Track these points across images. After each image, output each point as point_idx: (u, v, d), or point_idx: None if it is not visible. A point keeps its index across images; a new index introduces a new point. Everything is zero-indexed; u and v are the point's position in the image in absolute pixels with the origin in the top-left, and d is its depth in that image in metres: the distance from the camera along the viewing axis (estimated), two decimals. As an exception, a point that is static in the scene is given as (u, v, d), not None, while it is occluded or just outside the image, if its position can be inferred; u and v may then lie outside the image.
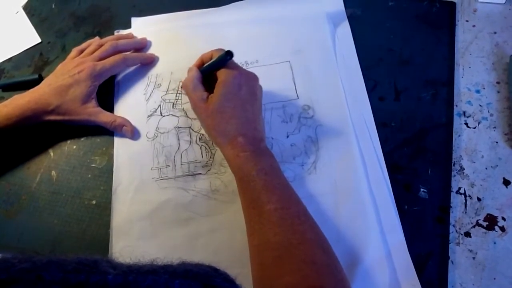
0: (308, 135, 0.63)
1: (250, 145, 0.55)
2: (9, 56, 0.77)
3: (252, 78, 0.59)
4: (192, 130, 0.65)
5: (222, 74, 0.59)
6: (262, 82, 0.67)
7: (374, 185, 0.59)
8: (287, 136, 0.63)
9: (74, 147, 0.67)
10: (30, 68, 0.76)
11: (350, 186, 0.59)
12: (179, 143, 0.64)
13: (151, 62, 0.72)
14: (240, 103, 0.57)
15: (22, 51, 0.77)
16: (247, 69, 0.60)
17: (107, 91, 0.70)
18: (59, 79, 0.66)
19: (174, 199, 0.61)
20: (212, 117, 0.57)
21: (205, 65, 0.62)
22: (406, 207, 0.58)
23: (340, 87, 0.66)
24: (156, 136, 0.65)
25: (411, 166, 0.60)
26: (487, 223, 0.56)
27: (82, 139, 0.67)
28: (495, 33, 0.69)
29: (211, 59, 0.61)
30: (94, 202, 0.63)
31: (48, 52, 0.77)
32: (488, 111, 0.63)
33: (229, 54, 0.58)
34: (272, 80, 0.67)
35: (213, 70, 0.60)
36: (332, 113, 0.64)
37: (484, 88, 0.65)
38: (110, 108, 0.68)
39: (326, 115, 0.64)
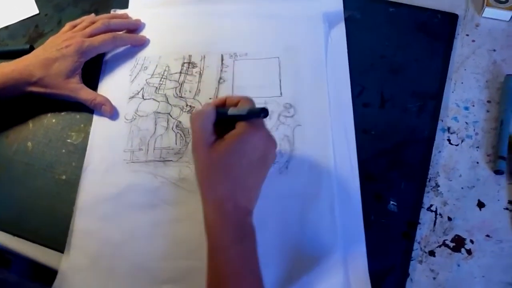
0: (285, 134, 0.62)
1: (236, 218, 0.49)
2: (6, 24, 0.78)
3: (270, 146, 0.52)
4: (171, 116, 0.64)
5: (243, 126, 0.50)
6: (248, 75, 0.67)
7: (343, 192, 0.57)
8: (265, 133, 0.62)
9: (54, 120, 0.67)
10: (24, 38, 0.76)
11: (318, 190, 0.57)
12: (155, 128, 0.64)
13: (141, 44, 0.71)
14: (247, 167, 0.50)
15: (19, 21, 0.78)
16: (270, 133, 0.53)
17: (94, 69, 0.70)
18: (47, 52, 0.66)
19: (142, 184, 0.60)
20: (210, 167, 0.50)
21: (229, 109, 0.52)
22: (373, 217, 0.56)
23: (325, 89, 0.64)
24: (134, 119, 0.65)
25: (385, 177, 0.58)
26: (454, 244, 0.54)
27: (63, 113, 0.68)
28: (494, 50, 0.67)
29: (236, 105, 0.53)
30: (64, 177, 0.63)
31: (44, 25, 0.77)
32: (474, 130, 0.61)
33: (263, 112, 0.49)
34: (258, 75, 0.67)
35: (240, 119, 0.51)
36: (312, 115, 0.63)
37: (473, 106, 0.63)
38: (94, 86, 0.68)
39: (307, 116, 0.63)
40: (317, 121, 0.62)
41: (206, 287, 0.48)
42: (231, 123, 0.51)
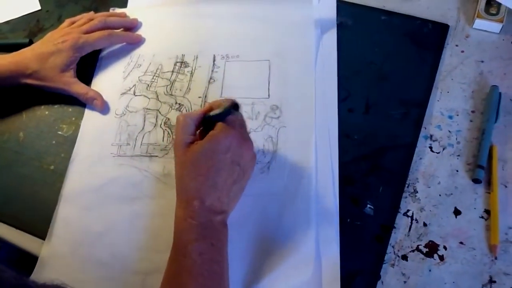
0: (269, 135, 0.63)
1: (202, 216, 0.50)
2: (8, 19, 0.80)
3: (245, 147, 0.54)
4: (160, 113, 0.66)
5: (218, 127, 0.53)
6: (237, 77, 0.68)
7: (321, 194, 0.58)
8: (249, 133, 0.63)
9: (47, 112, 0.69)
10: (25, 32, 0.78)
11: (297, 191, 0.58)
12: (144, 124, 0.65)
13: (137, 42, 0.73)
14: (217, 166, 0.51)
15: (21, 16, 0.80)
16: (247, 133, 0.56)
17: (90, 64, 0.72)
18: (43, 46, 0.68)
19: (126, 176, 0.62)
20: (184, 165, 0.53)
21: (212, 111, 0.55)
22: (349, 220, 0.57)
23: (312, 93, 0.65)
24: (124, 114, 0.67)
25: (364, 181, 0.59)
26: (427, 249, 0.55)
27: (56, 106, 0.70)
28: (482, 61, 0.67)
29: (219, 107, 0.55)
30: (52, 167, 0.64)
31: (45, 20, 0.79)
32: (456, 139, 0.62)
33: (233, 106, 0.52)
34: (247, 76, 0.68)
35: (216, 120, 0.54)
36: (298, 118, 0.64)
37: (457, 115, 0.63)
38: (89, 81, 0.70)
39: (292, 118, 0.64)
40: (302, 123, 0.63)
41: (161, 282, 0.49)
42: None
